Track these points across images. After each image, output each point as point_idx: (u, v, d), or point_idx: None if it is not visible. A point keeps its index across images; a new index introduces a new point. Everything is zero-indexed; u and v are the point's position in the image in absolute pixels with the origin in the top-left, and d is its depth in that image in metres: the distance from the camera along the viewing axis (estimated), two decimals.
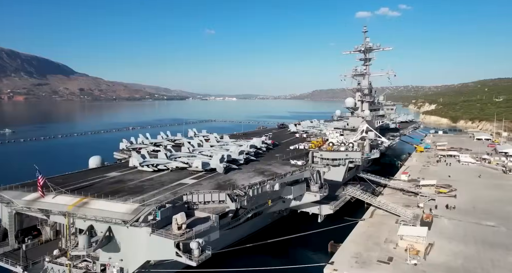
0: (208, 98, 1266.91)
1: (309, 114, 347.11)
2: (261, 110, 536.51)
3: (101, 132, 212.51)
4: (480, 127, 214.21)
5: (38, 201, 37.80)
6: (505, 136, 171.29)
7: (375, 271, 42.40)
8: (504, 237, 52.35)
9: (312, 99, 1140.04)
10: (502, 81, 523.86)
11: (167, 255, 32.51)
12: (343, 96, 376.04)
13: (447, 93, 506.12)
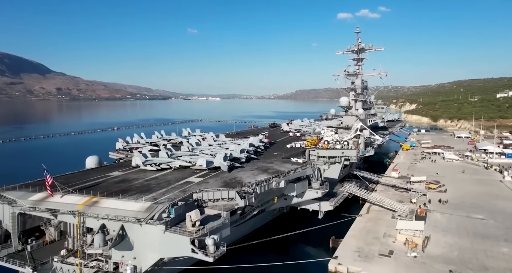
0: (191, 98, 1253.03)
1: (293, 113, 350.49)
2: (247, 110, 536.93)
3: (85, 132, 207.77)
4: (458, 125, 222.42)
5: (45, 201, 37.22)
6: (483, 134, 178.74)
7: (378, 264, 44.02)
8: (493, 229, 55.21)
9: (295, 99, 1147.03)
10: (475, 82, 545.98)
11: (183, 252, 32.82)
12: (326, 96, 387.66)
13: (425, 93, 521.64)
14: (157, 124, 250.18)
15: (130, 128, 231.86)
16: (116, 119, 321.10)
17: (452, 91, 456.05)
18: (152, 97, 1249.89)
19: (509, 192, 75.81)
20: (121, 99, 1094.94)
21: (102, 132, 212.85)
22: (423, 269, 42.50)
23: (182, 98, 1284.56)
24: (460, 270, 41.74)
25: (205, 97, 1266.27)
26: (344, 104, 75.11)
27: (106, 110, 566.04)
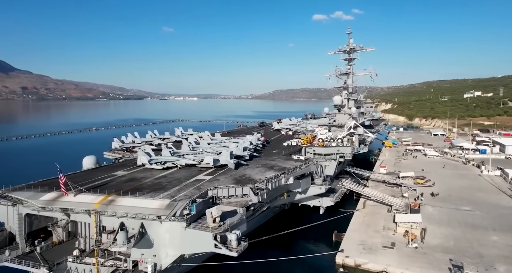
0: (168, 98, 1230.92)
1: (274, 113, 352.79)
2: (227, 110, 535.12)
3: (61, 133, 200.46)
4: (433, 124, 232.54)
5: (58, 201, 36.37)
6: (455, 131, 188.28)
7: (383, 256, 46.03)
8: (481, 219, 58.88)
9: (273, 99, 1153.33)
10: (443, 83, 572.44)
11: (205, 248, 33.11)
12: (303, 96, 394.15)
13: (398, 93, 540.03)
14: (137, 124, 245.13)
15: (109, 128, 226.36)
16: (92, 119, 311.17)
17: (423, 91, 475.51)
18: (127, 97, 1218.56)
19: (488, 185, 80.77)
20: (94, 99, 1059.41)
21: (81, 132, 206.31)
22: (425, 258, 44.89)
23: (158, 98, 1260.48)
24: (459, 259, 44.41)
25: (182, 97, 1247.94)
26: (337, 103, 77.32)
27: (78, 110, 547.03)
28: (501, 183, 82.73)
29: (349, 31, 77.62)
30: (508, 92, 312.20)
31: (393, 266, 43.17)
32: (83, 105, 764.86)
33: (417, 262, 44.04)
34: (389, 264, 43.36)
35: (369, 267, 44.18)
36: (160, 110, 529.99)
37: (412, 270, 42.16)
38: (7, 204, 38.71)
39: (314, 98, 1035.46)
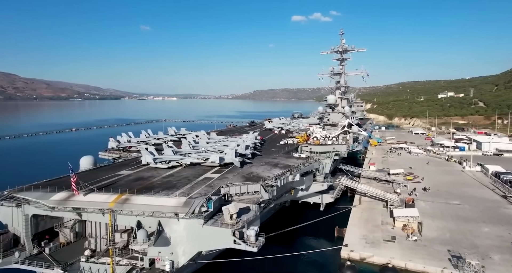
0: (146, 98, 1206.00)
1: (256, 113, 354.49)
2: (209, 110, 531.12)
3: (39, 134, 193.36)
4: (412, 123, 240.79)
5: (69, 200, 35.61)
6: (434, 130, 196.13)
7: (386, 249, 47.78)
8: (470, 212, 61.99)
9: (253, 99, 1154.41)
10: (417, 83, 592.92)
11: (224, 244, 33.40)
12: (283, 96, 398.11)
13: (376, 93, 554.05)
14: (118, 125, 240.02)
15: (90, 129, 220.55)
16: (69, 119, 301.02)
17: (399, 91, 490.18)
18: (103, 96, 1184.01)
19: (472, 180, 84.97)
20: (68, 99, 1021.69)
21: (60, 133, 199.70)
22: (425, 250, 46.95)
23: (136, 97, 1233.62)
24: (456, 250, 46.75)
25: (161, 97, 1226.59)
26: (331, 102, 79.03)
27: (53, 111, 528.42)
28: (483, 178, 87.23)
29: (341, 32, 79.54)
30: (477, 92, 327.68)
31: (396, 258, 44.89)
32: (56, 105, 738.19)
33: (418, 254, 46.01)
34: (393, 257, 45.06)
35: (374, 260, 45.74)
36: (140, 111, 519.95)
37: (415, 262, 44.02)
38: (11, 206, 37.64)
39: (294, 98, 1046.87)
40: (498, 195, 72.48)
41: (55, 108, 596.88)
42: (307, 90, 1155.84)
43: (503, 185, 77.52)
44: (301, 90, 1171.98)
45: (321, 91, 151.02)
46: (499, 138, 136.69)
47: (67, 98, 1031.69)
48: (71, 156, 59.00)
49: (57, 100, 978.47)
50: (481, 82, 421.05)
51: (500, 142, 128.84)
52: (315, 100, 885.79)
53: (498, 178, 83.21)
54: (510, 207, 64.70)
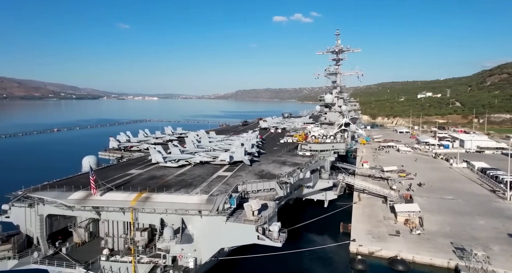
0: (126, 98, 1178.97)
1: (242, 113, 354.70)
2: (192, 109, 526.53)
3: (18, 134, 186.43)
4: (394, 122, 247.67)
5: (89, 199, 35.03)
6: (416, 128, 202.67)
7: (392, 243, 49.42)
8: (464, 206, 64.84)
9: (235, 99, 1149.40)
10: (396, 84, 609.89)
11: (247, 240, 33.79)
12: (266, 96, 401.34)
13: (357, 93, 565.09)
14: (102, 125, 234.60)
15: (72, 129, 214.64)
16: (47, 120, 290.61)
17: (379, 92, 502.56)
18: (80, 96, 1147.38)
19: (460, 176, 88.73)
20: (42, 98, 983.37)
21: (41, 134, 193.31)
22: (430, 243, 48.89)
23: (115, 97, 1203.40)
24: (458, 242, 48.95)
25: (141, 97, 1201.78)
26: (328, 101, 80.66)
27: (28, 111, 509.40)
28: (470, 174, 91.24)
29: (337, 33, 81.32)
30: (453, 93, 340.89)
31: (404, 251, 46.57)
32: (30, 105, 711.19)
33: (424, 247, 47.88)
34: (401, 250, 46.72)
35: (382, 254, 47.25)
36: (123, 110, 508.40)
37: (422, 254, 45.82)
38: (23, 206, 36.81)
39: (277, 98, 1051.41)
40: (487, 189, 76.11)
41: (29, 108, 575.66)
42: (289, 90, 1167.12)
43: (489, 180, 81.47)
44: (283, 90, 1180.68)
45: (303, 91, 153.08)
46: (479, 136, 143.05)
47: (41, 98, 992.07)
48: (64, 157, 58.15)
49: (30, 99, 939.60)
50: (456, 83, 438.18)
51: (481, 140, 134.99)
52: (298, 100, 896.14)
53: (484, 173, 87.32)
54: (499, 201, 68.11)
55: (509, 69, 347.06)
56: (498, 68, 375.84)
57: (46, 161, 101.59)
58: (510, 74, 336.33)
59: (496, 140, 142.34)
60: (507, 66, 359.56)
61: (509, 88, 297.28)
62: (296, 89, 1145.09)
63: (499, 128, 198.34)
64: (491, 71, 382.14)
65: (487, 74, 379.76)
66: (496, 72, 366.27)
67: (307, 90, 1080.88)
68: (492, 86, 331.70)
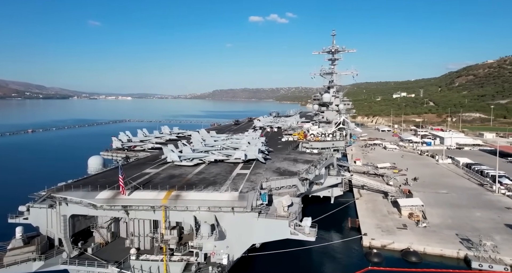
0: (97, 97, 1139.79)
1: (223, 113, 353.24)
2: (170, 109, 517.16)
3: None
4: (374, 121, 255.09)
5: (118, 199, 34.07)
6: (397, 127, 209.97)
7: (402, 236, 51.29)
8: (459, 200, 68.16)
9: (213, 99, 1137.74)
10: (370, 84, 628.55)
11: (280, 235, 34.09)
12: (243, 96, 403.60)
13: None
14: (80, 125, 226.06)
15: (48, 130, 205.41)
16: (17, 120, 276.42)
17: (355, 92, 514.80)
18: (47, 95, 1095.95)
19: (448, 171, 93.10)
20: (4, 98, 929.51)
21: (14, 135, 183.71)
22: (437, 235, 51.15)
23: (86, 97, 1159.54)
24: (463, 233, 51.55)
25: (114, 97, 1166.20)
26: (326, 100, 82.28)
27: None
28: (456, 169, 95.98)
29: (333, 33, 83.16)
30: (425, 93, 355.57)
31: (415, 244, 48.50)
32: None
33: (432, 239, 50.04)
34: (412, 243, 48.62)
35: (394, 246, 48.97)
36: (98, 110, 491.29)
37: (432, 246, 47.92)
38: (44, 207, 35.48)
39: (254, 98, 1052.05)
40: (475, 183, 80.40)
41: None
42: (267, 90, 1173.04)
43: (476, 174, 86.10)
44: (260, 90, 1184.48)
45: (280, 91, 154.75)
46: (457, 134, 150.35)
47: (3, 97, 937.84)
48: (63, 157, 56.29)
49: None
50: (426, 83, 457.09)
51: (459, 137, 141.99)
52: (275, 100, 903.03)
53: (469, 168, 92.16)
54: (489, 194, 72.18)
55: (474, 71, 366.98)
56: (464, 70, 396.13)
57: (46, 161, 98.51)
58: (475, 76, 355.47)
59: (471, 137, 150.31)
60: (472, 68, 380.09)
61: (475, 89, 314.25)
62: (273, 89, 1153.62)
63: (471, 126, 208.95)
64: (458, 73, 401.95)
65: (454, 76, 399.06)
66: (463, 73, 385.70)
67: (284, 90, 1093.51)
68: (460, 87, 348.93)
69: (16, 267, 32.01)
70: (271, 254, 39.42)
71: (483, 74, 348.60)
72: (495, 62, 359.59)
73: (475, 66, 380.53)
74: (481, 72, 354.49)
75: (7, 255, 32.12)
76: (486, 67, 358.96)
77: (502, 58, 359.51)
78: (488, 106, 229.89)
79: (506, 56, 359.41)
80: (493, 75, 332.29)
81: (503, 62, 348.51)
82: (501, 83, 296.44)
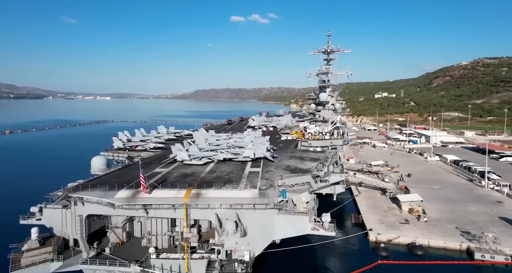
0: (74, 97, 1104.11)
1: (207, 113, 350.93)
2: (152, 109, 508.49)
3: None
4: (359, 121, 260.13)
5: (138, 197, 33.47)
6: (382, 126, 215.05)
7: (406, 230, 52.86)
8: (453, 195, 70.73)
9: (195, 99, 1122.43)
10: (351, 85, 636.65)
11: (301, 231, 34.49)
12: (225, 96, 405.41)
13: None
14: (61, 126, 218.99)
15: (28, 131, 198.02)
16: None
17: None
18: (19, 95, 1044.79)
19: (438, 168, 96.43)
20: None
21: None
22: (438, 229, 53.01)
23: (62, 97, 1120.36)
24: (462, 226, 53.65)
25: (92, 96, 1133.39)
26: (323, 100, 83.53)
27: None
28: (444, 166, 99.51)
29: (328, 34, 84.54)
30: (405, 93, 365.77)
31: (419, 238, 50.08)
32: None
33: (434, 232, 51.83)
34: (417, 237, 50.18)
35: (400, 240, 50.42)
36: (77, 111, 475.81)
37: (436, 239, 49.67)
38: (59, 207, 34.63)
39: (237, 98, 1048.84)
40: (464, 179, 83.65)
41: None
42: (249, 90, 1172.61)
43: (464, 170, 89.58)
44: (243, 90, 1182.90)
45: (263, 91, 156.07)
46: (440, 132, 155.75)
47: None
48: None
49: None
50: (405, 84, 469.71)
51: (443, 135, 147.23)
52: (258, 100, 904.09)
53: (457, 165, 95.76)
54: (479, 188, 75.29)
55: (450, 72, 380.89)
56: (441, 71, 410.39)
57: (35, 162, 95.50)
58: (452, 77, 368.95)
59: (454, 135, 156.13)
60: (448, 70, 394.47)
61: (452, 89, 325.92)
62: (256, 89, 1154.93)
63: (451, 125, 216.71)
64: (435, 74, 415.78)
65: (432, 77, 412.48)
66: (440, 74, 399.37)
67: (267, 90, 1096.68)
68: (438, 87, 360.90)
69: (34, 268, 31.28)
70: (282, 251, 39.84)
71: (458, 75, 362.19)
72: (469, 64, 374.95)
73: (451, 67, 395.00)
74: (456, 73, 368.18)
75: (25, 256, 31.25)
76: (461, 69, 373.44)
77: (476, 60, 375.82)
78: (465, 106, 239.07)
79: (479, 58, 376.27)
80: (468, 76, 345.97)
81: (476, 64, 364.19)
82: (476, 84, 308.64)
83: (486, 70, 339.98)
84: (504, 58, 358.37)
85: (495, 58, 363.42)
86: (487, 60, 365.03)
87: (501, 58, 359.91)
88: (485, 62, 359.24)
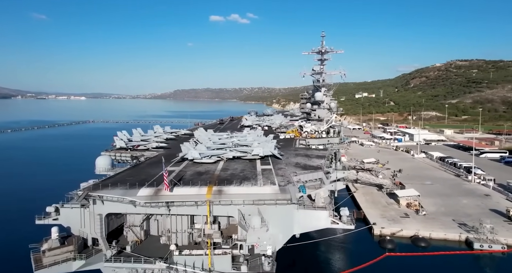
0: (46, 97, 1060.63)
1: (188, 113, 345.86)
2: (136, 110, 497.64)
3: None
4: (342, 120, 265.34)
5: (161, 195, 33.20)
6: (365, 125, 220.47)
7: (407, 223, 54.99)
8: (444, 190, 73.94)
9: (174, 99, 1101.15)
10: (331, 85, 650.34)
11: (321, 225, 35.31)
12: (206, 96, 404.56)
13: (296, 93, 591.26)
14: (39, 127, 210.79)
15: (2, 132, 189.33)
16: None
17: None
18: None
19: (425, 165, 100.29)
20: None
21: None
22: (437, 222, 55.46)
23: (32, 97, 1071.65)
24: (459, 218, 56.34)
25: (66, 96, 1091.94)
26: (318, 99, 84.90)
27: None
28: (431, 162, 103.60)
29: (323, 34, 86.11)
30: (384, 93, 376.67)
31: (421, 230, 52.24)
32: None
33: (434, 225, 54.19)
34: (419, 229, 52.31)
35: (403, 233, 52.42)
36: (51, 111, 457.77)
37: (436, 231, 52.03)
38: (77, 207, 34.06)
39: (217, 98, 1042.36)
40: (452, 174, 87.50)
41: None
42: (230, 90, 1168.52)
43: (450, 166, 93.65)
44: (223, 90, 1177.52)
45: (243, 91, 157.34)
46: (422, 131, 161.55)
47: None
48: None
49: None
50: (383, 84, 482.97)
51: (426, 134, 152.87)
52: (239, 100, 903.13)
53: (443, 161, 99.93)
54: (466, 183, 78.99)
55: (426, 73, 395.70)
56: (417, 72, 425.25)
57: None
58: (427, 78, 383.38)
59: (435, 133, 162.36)
60: (424, 71, 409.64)
61: (428, 90, 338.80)
62: (237, 89, 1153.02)
63: (430, 124, 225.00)
64: (412, 75, 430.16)
65: (409, 77, 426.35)
66: (416, 75, 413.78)
67: (247, 90, 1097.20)
68: (415, 87, 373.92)
69: (57, 267, 30.97)
70: (288, 248, 40.62)
71: (433, 76, 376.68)
72: (442, 65, 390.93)
73: (426, 68, 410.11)
74: (432, 75, 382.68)
75: (47, 256, 30.69)
76: (436, 70, 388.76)
77: (449, 62, 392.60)
78: (442, 106, 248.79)
79: (452, 60, 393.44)
80: (442, 77, 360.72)
81: (449, 65, 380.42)
82: (450, 85, 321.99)
83: (458, 71, 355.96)
84: (474, 60, 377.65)
85: (466, 60, 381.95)
86: (459, 62, 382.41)
87: (471, 60, 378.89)
88: (457, 64, 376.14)
